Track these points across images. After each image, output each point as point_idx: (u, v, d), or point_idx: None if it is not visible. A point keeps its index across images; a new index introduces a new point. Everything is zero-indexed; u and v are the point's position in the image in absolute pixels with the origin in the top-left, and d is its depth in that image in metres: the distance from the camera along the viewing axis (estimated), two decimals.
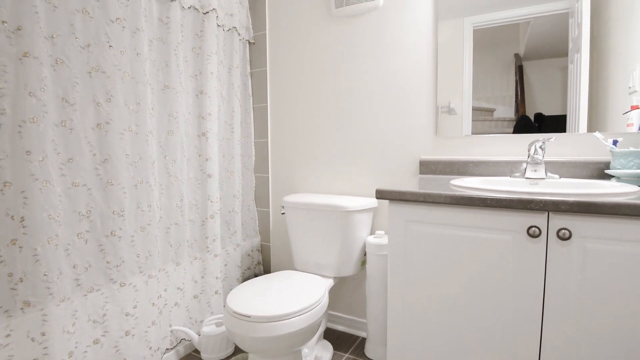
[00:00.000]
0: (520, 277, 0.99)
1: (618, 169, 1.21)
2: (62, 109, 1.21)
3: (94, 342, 1.30)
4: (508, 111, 1.50)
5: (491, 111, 1.53)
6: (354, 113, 1.83)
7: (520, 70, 1.47)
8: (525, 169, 1.32)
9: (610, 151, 1.24)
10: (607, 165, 1.30)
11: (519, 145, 1.47)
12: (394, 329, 1.20)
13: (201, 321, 1.75)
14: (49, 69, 1.16)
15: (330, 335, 1.91)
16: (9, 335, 1.09)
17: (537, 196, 0.94)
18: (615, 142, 1.25)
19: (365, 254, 1.73)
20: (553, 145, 1.40)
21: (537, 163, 1.29)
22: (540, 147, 1.28)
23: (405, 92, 1.69)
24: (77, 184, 1.25)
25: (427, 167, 1.63)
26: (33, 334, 1.12)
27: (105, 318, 1.33)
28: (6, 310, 1.09)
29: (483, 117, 1.54)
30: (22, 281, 1.11)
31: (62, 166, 1.21)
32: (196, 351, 1.72)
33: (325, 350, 1.71)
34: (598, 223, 0.90)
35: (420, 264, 1.13)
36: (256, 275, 2.19)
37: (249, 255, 2.13)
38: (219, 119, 1.90)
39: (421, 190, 1.10)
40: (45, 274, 1.14)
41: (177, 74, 1.60)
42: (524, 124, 1.46)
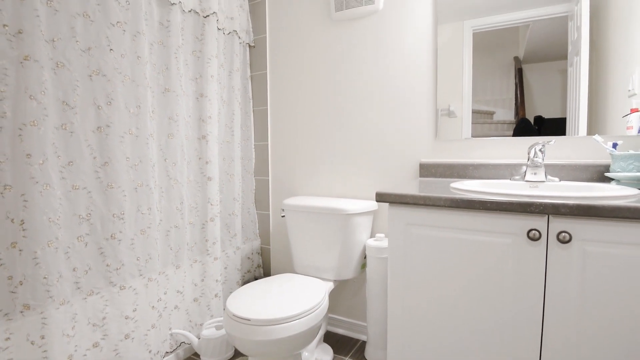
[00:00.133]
0: (520, 280, 0.99)
1: (618, 171, 1.21)
2: (63, 112, 1.21)
3: (93, 345, 1.29)
4: (508, 114, 1.50)
5: (491, 114, 1.53)
6: (354, 115, 1.84)
7: (519, 73, 1.47)
8: (525, 171, 1.32)
9: (610, 154, 1.24)
10: (607, 168, 1.30)
11: (518, 148, 1.47)
12: (394, 331, 1.20)
13: (201, 324, 1.75)
14: (49, 72, 1.17)
15: (331, 338, 1.91)
16: (9, 338, 1.09)
17: (537, 199, 0.94)
18: (615, 145, 1.25)
19: (365, 257, 1.72)
20: (553, 148, 1.40)
21: (537, 166, 1.29)
22: (540, 150, 1.28)
23: (405, 95, 1.70)
24: (77, 187, 1.25)
25: (427, 170, 1.63)
26: (33, 337, 1.12)
27: (105, 321, 1.33)
28: (6, 314, 1.09)
29: (483, 120, 1.55)
30: (21, 284, 1.11)
31: (62, 169, 1.21)
32: (196, 354, 1.72)
33: (326, 354, 1.70)
34: (598, 226, 0.90)
35: (420, 267, 1.13)
36: (256, 278, 2.19)
37: (249, 258, 2.13)
38: (219, 122, 1.90)
39: (421, 194, 1.10)
40: (45, 277, 1.14)
41: (178, 77, 1.60)
42: (524, 126, 1.46)
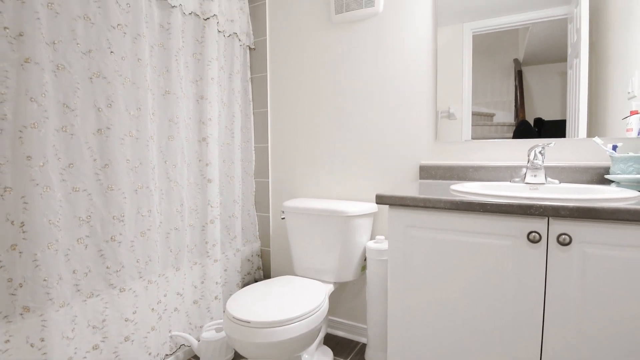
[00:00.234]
0: (520, 282, 0.99)
1: (618, 174, 1.21)
2: (63, 114, 1.22)
3: (93, 347, 1.29)
4: (508, 116, 1.50)
5: (491, 116, 1.53)
6: (354, 117, 1.84)
7: (519, 76, 1.47)
8: (525, 174, 1.32)
9: (610, 156, 1.24)
10: (606, 170, 1.30)
11: (518, 150, 1.47)
12: (394, 333, 1.19)
13: (201, 327, 1.74)
14: (50, 75, 1.17)
15: (331, 340, 1.90)
16: (8, 340, 1.08)
17: (537, 201, 0.94)
18: (614, 147, 1.25)
19: (365, 259, 1.72)
20: (553, 150, 1.40)
21: (536, 168, 1.29)
22: (540, 152, 1.28)
23: (405, 97, 1.70)
24: (77, 189, 1.26)
25: (427, 172, 1.63)
26: (32, 339, 1.12)
27: (105, 323, 1.32)
28: (5, 316, 1.09)
29: (483, 122, 1.55)
30: (21, 286, 1.11)
31: (62, 171, 1.22)
32: (196, 357, 1.71)
33: (326, 356, 1.70)
34: (598, 228, 0.89)
35: (420, 269, 1.13)
36: (256, 281, 2.18)
37: (248, 260, 2.13)
38: (220, 124, 1.91)
39: (421, 196, 1.10)
40: (44, 279, 1.14)
41: (178, 79, 1.60)
42: (524, 128, 1.47)
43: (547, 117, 1.43)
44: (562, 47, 1.38)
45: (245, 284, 2.09)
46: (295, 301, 1.39)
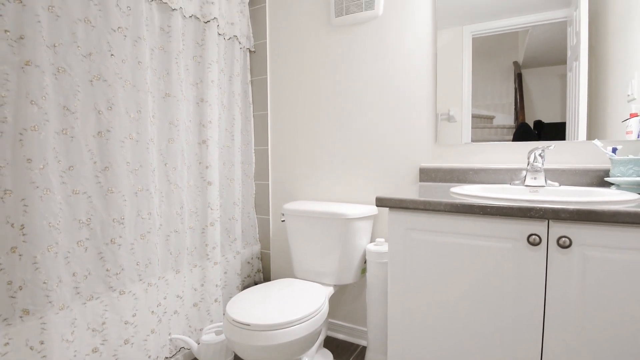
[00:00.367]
0: (520, 285, 0.99)
1: (617, 176, 1.21)
2: (64, 117, 1.22)
3: (92, 350, 1.29)
4: (507, 119, 1.50)
5: (491, 119, 1.53)
6: (354, 120, 1.84)
7: (519, 78, 1.48)
8: (525, 176, 1.32)
9: (610, 159, 1.24)
10: (606, 172, 1.30)
11: (518, 153, 1.47)
12: (394, 336, 1.19)
13: (200, 329, 1.74)
14: (50, 78, 1.17)
15: (331, 343, 1.90)
16: (8, 343, 1.08)
17: (537, 204, 0.94)
18: (614, 150, 1.25)
19: (365, 262, 1.72)
20: (553, 152, 1.40)
21: (536, 171, 1.29)
22: (540, 154, 1.29)
23: (405, 100, 1.70)
24: (77, 192, 1.26)
25: (427, 175, 1.63)
26: (32, 342, 1.12)
27: (105, 326, 1.32)
28: (5, 319, 1.09)
29: (483, 125, 1.55)
30: (21, 289, 1.10)
31: (62, 174, 1.22)
32: None
33: (326, 359, 1.70)
34: (598, 231, 0.89)
35: (420, 272, 1.13)
36: (256, 283, 2.18)
37: (248, 262, 2.13)
38: (220, 127, 1.91)
39: (421, 198, 1.10)
40: (44, 282, 1.14)
41: (178, 82, 1.61)
42: (524, 131, 1.47)
43: (547, 119, 1.43)
44: (561, 50, 1.39)
45: (245, 287, 2.08)
46: (295, 304, 1.39)
